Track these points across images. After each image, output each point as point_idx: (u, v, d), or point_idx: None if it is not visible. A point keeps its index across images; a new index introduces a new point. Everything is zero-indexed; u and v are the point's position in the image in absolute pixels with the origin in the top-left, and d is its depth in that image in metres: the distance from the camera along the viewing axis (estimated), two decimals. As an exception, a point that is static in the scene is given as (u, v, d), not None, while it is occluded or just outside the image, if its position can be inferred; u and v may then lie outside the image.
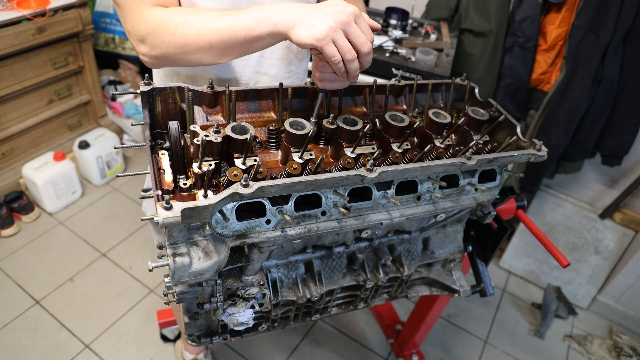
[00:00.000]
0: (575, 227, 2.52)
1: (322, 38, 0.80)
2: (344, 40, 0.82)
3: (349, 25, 0.82)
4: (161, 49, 0.90)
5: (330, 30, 0.80)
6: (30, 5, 2.28)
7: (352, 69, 0.86)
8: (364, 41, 0.83)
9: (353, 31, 0.82)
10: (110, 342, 2.06)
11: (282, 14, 0.83)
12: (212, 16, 0.86)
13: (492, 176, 1.10)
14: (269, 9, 0.84)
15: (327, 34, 0.80)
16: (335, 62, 0.83)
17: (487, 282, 1.39)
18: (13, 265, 2.33)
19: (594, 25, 1.86)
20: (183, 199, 0.85)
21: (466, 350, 2.30)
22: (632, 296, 2.46)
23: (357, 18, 0.83)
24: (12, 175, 2.62)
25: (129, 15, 0.91)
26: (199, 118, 0.99)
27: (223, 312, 1.04)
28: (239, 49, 0.88)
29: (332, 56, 0.82)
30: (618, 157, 2.13)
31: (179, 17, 0.87)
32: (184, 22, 0.87)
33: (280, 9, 0.83)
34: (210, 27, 0.85)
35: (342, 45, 0.82)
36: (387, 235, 1.21)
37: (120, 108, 3.12)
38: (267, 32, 0.84)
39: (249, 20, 0.84)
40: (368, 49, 0.85)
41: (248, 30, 0.84)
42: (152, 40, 0.90)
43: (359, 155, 0.95)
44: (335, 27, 0.80)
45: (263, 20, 0.83)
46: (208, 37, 0.86)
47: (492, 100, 1.16)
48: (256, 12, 0.84)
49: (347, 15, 0.82)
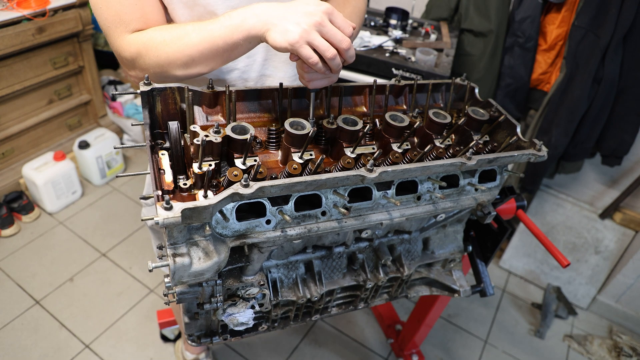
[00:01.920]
0: (575, 227, 2.52)
1: (295, 42, 0.80)
2: (320, 40, 0.82)
3: (323, 26, 0.81)
4: (149, 70, 0.93)
5: (304, 33, 0.80)
6: (30, 5, 2.28)
7: (334, 65, 0.86)
8: (340, 38, 0.83)
9: (328, 30, 0.82)
10: (110, 342, 2.06)
11: (254, 18, 0.83)
12: (189, 30, 0.88)
13: (492, 176, 1.10)
14: (241, 14, 0.84)
15: (301, 36, 0.80)
16: (312, 64, 0.84)
17: (487, 282, 1.39)
18: (13, 265, 2.33)
19: (594, 25, 1.86)
20: (183, 199, 0.85)
21: (466, 350, 2.30)
22: (632, 296, 2.46)
23: (331, 16, 0.83)
24: (12, 175, 2.62)
25: (114, 41, 0.95)
26: (199, 118, 0.99)
27: (223, 312, 1.04)
28: (221, 58, 0.90)
29: (308, 58, 0.83)
30: (618, 157, 2.13)
31: (158, 37, 0.90)
32: (164, 41, 0.89)
33: (252, 12, 0.84)
34: (188, 41, 0.87)
35: (319, 45, 0.82)
36: (387, 235, 1.21)
37: (120, 108, 3.12)
38: (243, 38, 0.85)
39: (224, 28, 0.85)
40: (347, 45, 0.84)
41: (225, 39, 0.85)
42: (139, 63, 0.93)
43: (359, 155, 0.95)
44: (308, 30, 0.80)
45: (237, 26, 0.84)
46: (188, 52, 0.88)
47: (492, 100, 1.16)
48: (229, 19, 0.85)
49: (319, 15, 0.81)
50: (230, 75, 1.13)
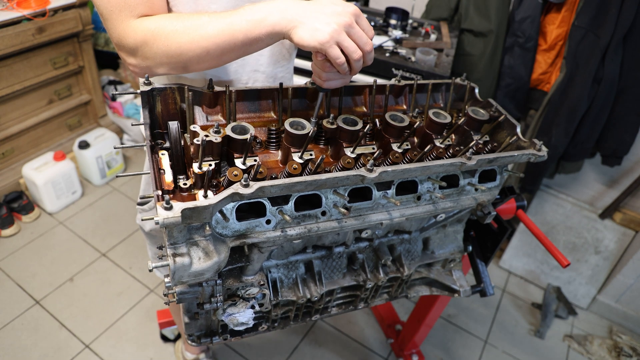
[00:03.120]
0: (575, 227, 2.52)
1: (326, 41, 0.80)
2: (349, 41, 0.82)
3: (352, 27, 0.82)
4: (154, 59, 0.88)
5: (335, 33, 0.80)
6: (30, 5, 2.28)
7: (356, 67, 0.87)
8: (365, 41, 0.84)
9: (355, 32, 0.83)
10: (110, 342, 2.06)
11: (279, 14, 0.82)
12: (205, 21, 0.83)
13: (492, 176, 1.10)
14: (264, 9, 0.82)
15: (331, 37, 0.80)
16: (339, 64, 0.84)
17: (487, 282, 1.39)
18: (13, 265, 2.33)
19: (594, 25, 1.86)
20: (183, 199, 0.86)
21: (466, 350, 2.30)
22: (632, 296, 2.46)
23: (358, 18, 0.84)
24: (12, 175, 2.62)
25: (115, 27, 0.88)
26: (199, 118, 0.99)
27: (223, 312, 1.04)
28: (237, 52, 0.87)
29: (337, 58, 0.83)
30: (618, 157, 2.13)
31: (169, 26, 0.84)
32: (176, 31, 0.84)
33: (276, 8, 0.82)
34: (204, 33, 0.83)
35: (348, 46, 0.82)
36: (387, 235, 1.21)
37: (120, 108, 3.12)
38: (266, 33, 0.83)
39: (245, 22, 0.82)
40: (370, 48, 0.85)
41: (246, 33, 0.83)
42: (143, 51, 0.87)
43: (359, 155, 0.95)
44: (338, 30, 0.80)
45: (260, 21, 0.82)
46: (204, 44, 0.84)
47: (492, 100, 1.16)
48: (251, 12, 0.83)
49: (348, 16, 0.81)
50: (223, 71, 1.11)
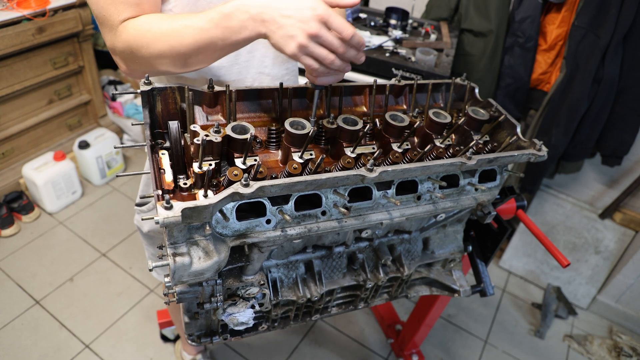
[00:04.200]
0: (575, 227, 2.52)
1: (294, 54, 0.81)
2: (318, 50, 0.81)
3: (319, 36, 0.80)
4: (140, 64, 0.92)
5: (301, 47, 0.80)
6: (30, 5, 2.28)
7: (336, 67, 0.85)
8: (337, 45, 0.82)
9: (324, 40, 0.81)
10: (110, 342, 2.06)
11: (252, 22, 0.81)
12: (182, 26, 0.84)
13: (492, 176, 1.10)
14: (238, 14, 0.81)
15: (299, 50, 0.80)
16: (313, 70, 0.84)
17: (487, 282, 1.39)
18: (13, 265, 2.33)
19: (594, 25, 1.86)
20: (183, 198, 0.85)
21: (466, 350, 2.30)
22: (632, 296, 2.46)
23: (327, 21, 0.80)
24: (12, 175, 2.62)
25: (106, 33, 0.92)
26: (199, 118, 0.99)
27: (223, 312, 1.04)
28: (220, 53, 0.89)
29: (309, 66, 0.84)
30: (618, 157, 2.13)
31: (148, 34, 0.86)
32: (156, 38, 0.86)
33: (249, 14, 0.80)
34: (182, 40, 0.84)
35: (318, 54, 0.82)
36: (387, 235, 1.21)
37: (120, 108, 3.12)
38: (244, 39, 0.84)
39: (221, 30, 0.82)
40: (343, 50, 0.83)
41: (223, 39, 0.84)
42: (129, 57, 0.91)
43: (359, 155, 0.95)
44: (305, 43, 0.79)
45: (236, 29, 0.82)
46: (184, 50, 0.86)
47: (492, 100, 1.16)
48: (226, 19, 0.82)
49: (314, 26, 0.79)
50: (228, 73, 1.13)
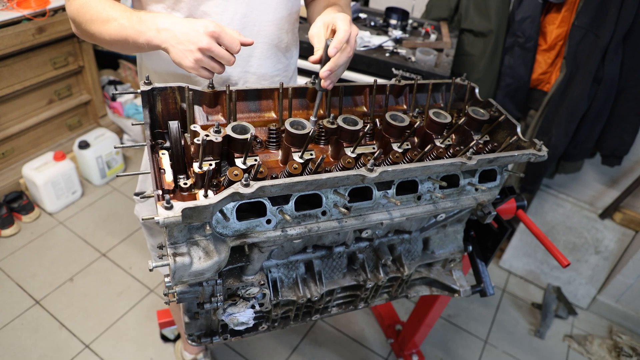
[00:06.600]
0: (575, 227, 2.52)
1: (191, 69, 0.90)
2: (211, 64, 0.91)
3: (211, 51, 0.88)
4: (83, 35, 1.07)
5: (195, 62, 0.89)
6: (30, 5, 2.28)
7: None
8: (228, 59, 0.91)
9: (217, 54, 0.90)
10: (110, 342, 2.06)
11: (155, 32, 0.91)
12: (109, 17, 0.96)
13: (493, 176, 1.11)
14: (147, 23, 0.92)
15: (194, 65, 0.89)
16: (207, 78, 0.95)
17: (487, 282, 1.39)
18: (13, 265, 2.33)
19: (594, 25, 1.86)
20: (183, 198, 0.86)
21: (466, 350, 2.30)
22: (632, 296, 2.46)
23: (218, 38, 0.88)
24: (12, 175, 2.62)
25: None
26: (199, 118, 0.99)
27: (223, 312, 1.04)
28: (132, 50, 1.00)
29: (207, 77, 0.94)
30: (618, 157, 2.13)
31: (87, 14, 1.00)
32: (92, 21, 0.99)
33: (155, 25, 0.91)
34: (107, 28, 0.97)
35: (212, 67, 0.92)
36: (388, 235, 1.21)
37: (120, 108, 3.12)
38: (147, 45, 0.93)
39: (133, 31, 0.93)
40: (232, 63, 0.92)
41: (134, 39, 0.94)
42: (75, 25, 1.07)
43: (359, 155, 0.95)
44: (199, 58, 0.89)
45: (142, 33, 0.92)
46: (108, 38, 0.98)
47: (492, 100, 1.16)
48: (140, 23, 0.92)
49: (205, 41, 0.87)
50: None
